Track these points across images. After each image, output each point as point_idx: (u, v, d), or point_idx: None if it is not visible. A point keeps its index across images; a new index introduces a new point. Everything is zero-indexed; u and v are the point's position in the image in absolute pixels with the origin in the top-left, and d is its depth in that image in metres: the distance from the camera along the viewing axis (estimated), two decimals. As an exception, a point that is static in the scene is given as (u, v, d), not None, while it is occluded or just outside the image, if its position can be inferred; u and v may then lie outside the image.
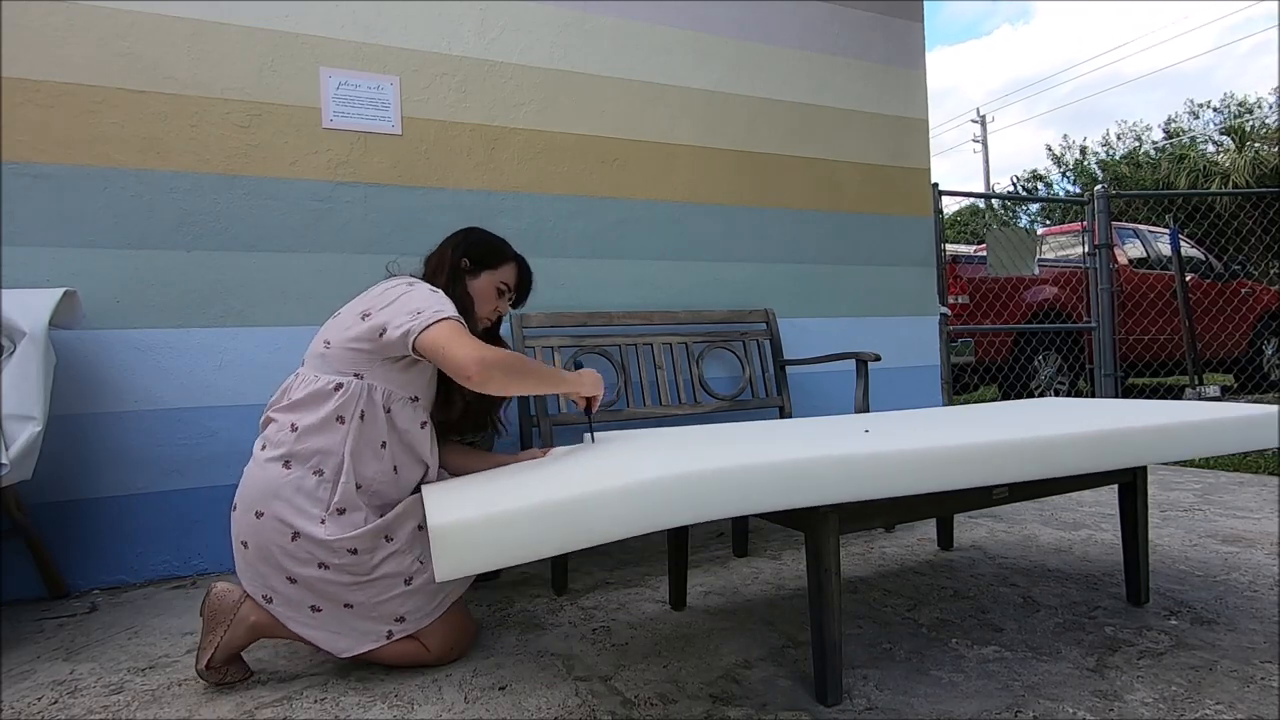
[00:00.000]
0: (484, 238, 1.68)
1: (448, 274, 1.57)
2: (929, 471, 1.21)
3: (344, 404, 1.37)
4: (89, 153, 2.10)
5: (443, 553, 0.88)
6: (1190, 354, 5.36)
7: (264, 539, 1.34)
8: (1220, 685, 1.27)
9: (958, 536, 2.26)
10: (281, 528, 1.33)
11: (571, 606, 1.79)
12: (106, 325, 2.10)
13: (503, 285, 1.66)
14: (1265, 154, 14.01)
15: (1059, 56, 65.26)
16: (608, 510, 0.98)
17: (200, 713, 1.31)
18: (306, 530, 1.32)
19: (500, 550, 0.92)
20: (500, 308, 1.68)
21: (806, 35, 3.16)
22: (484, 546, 0.91)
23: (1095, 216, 4.62)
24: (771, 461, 1.12)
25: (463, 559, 0.89)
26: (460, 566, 0.90)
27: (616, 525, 0.99)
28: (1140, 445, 1.41)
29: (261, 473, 1.36)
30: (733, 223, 2.98)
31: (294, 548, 1.33)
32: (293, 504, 1.33)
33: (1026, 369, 5.22)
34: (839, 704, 1.25)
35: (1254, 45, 39.02)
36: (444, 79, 2.51)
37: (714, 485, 1.07)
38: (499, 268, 1.66)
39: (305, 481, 1.35)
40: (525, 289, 1.73)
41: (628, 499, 1.00)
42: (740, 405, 2.72)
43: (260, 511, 1.34)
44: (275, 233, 2.28)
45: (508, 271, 1.67)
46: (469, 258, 1.62)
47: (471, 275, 1.62)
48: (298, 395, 1.40)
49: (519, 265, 1.70)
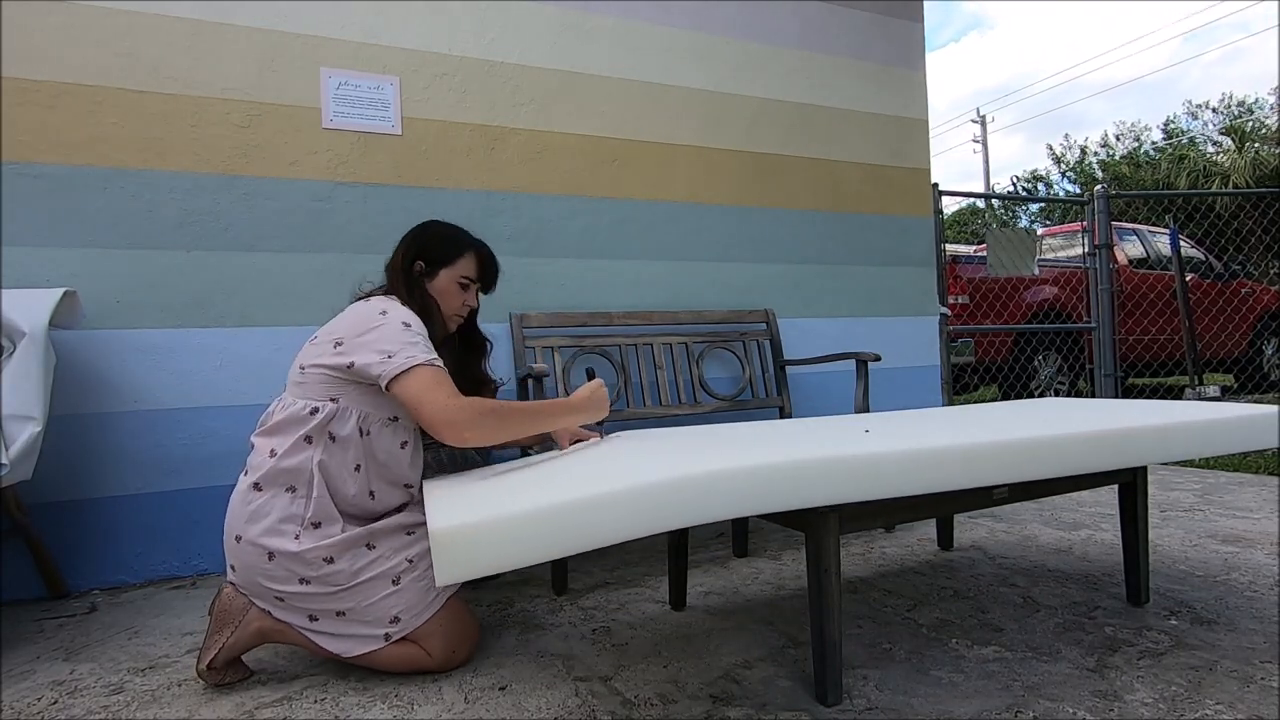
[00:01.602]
0: (436, 232, 1.61)
1: (404, 282, 1.52)
2: (929, 472, 1.21)
3: (316, 425, 1.37)
4: (89, 153, 2.10)
5: (443, 557, 0.88)
6: (1190, 354, 5.36)
7: (246, 563, 1.34)
8: (1220, 685, 1.27)
9: (958, 536, 2.26)
10: (257, 551, 1.32)
11: (571, 606, 1.79)
12: (106, 325, 2.10)
13: (464, 279, 1.59)
14: (1265, 154, 14.01)
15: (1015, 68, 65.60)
16: (609, 514, 0.98)
17: (200, 713, 1.31)
18: (280, 548, 1.32)
19: (501, 555, 0.91)
20: (468, 300, 1.62)
21: (807, 35, 3.16)
22: (485, 551, 0.90)
23: (1095, 216, 4.62)
24: (772, 463, 1.11)
25: (464, 564, 0.89)
26: (461, 571, 0.89)
27: (619, 529, 0.98)
28: (1140, 445, 1.40)
29: (239, 499, 1.37)
30: (733, 223, 2.98)
31: (272, 568, 1.32)
32: (266, 526, 1.33)
33: (1026, 369, 5.22)
34: (839, 704, 1.25)
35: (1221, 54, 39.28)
36: (444, 79, 2.51)
37: (715, 487, 1.07)
38: (455, 262, 1.58)
39: (278, 500, 1.34)
40: (490, 276, 1.65)
41: (629, 502, 1.00)
42: (740, 405, 2.72)
43: (239, 535, 1.34)
44: (275, 233, 2.28)
45: (466, 264, 1.59)
46: (423, 259, 1.56)
47: (429, 277, 1.56)
48: (275, 419, 1.40)
49: (477, 253, 1.62)
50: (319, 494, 1.35)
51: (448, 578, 0.88)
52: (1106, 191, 4.64)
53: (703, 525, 2.48)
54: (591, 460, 1.35)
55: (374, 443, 1.42)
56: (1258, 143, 14.59)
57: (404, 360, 1.33)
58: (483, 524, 0.90)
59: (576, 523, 0.96)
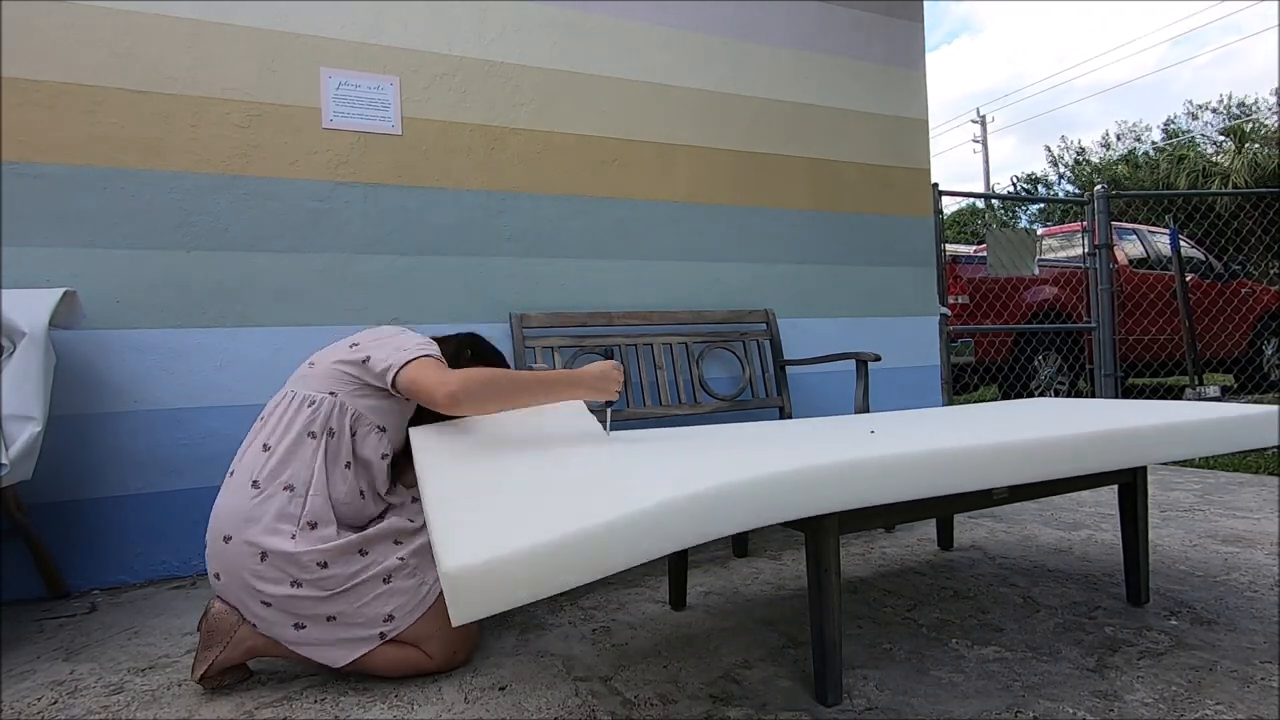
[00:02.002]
0: (488, 347, 1.71)
1: (450, 353, 1.59)
2: (931, 475, 1.21)
3: (314, 419, 1.39)
4: (89, 153, 2.10)
5: (457, 598, 0.82)
6: (1190, 354, 5.36)
7: (233, 564, 1.32)
8: (1220, 685, 1.27)
9: (958, 536, 2.26)
10: (249, 550, 1.31)
11: (571, 606, 1.79)
12: (106, 325, 2.10)
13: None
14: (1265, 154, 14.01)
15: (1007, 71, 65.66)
16: (624, 538, 0.93)
17: (200, 713, 1.31)
18: (276, 547, 1.30)
19: (516, 591, 0.86)
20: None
21: (806, 36, 3.16)
22: (500, 589, 0.85)
23: (1095, 217, 4.62)
24: (784, 471, 1.08)
25: (479, 604, 0.84)
26: (477, 610, 0.83)
27: (635, 553, 0.94)
28: (1140, 445, 1.40)
29: (231, 498, 1.35)
30: (733, 223, 2.98)
31: (263, 568, 1.31)
32: (261, 524, 1.32)
33: (1026, 369, 5.22)
34: (839, 704, 1.25)
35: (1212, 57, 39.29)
36: (444, 79, 2.51)
37: (725, 503, 1.04)
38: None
39: (274, 500, 1.34)
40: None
41: (645, 524, 0.95)
42: (740, 405, 2.72)
43: (228, 536, 1.32)
44: (275, 233, 2.28)
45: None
46: (471, 350, 1.66)
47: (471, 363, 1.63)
48: (272, 415, 1.42)
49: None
50: (315, 493, 1.36)
51: (462, 617, 0.83)
52: (1106, 192, 4.64)
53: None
54: (603, 468, 1.32)
55: (359, 443, 1.43)
56: (1257, 143, 14.59)
57: (416, 350, 1.39)
58: (491, 564, 0.84)
59: (593, 553, 0.91)
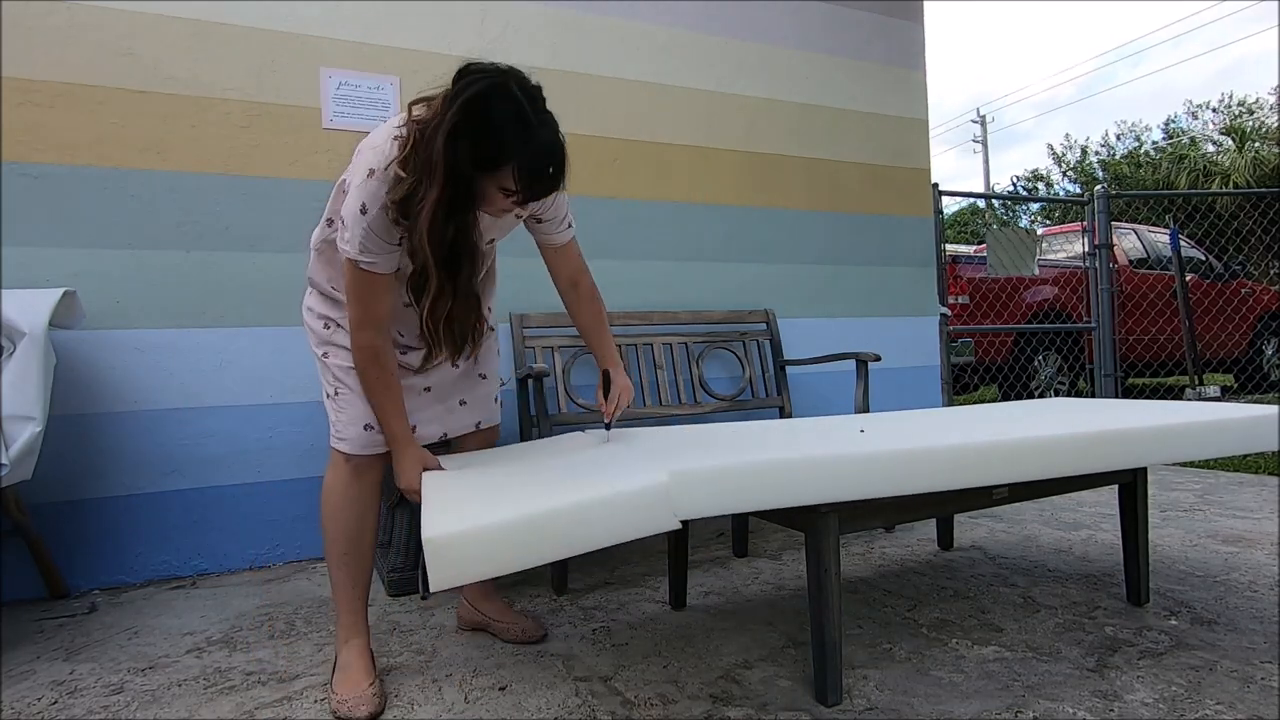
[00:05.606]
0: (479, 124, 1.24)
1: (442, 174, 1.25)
2: (929, 472, 1.21)
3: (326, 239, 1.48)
4: (89, 153, 2.10)
5: (436, 562, 0.91)
6: (1190, 354, 5.36)
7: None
8: (1220, 685, 1.27)
9: (958, 536, 2.26)
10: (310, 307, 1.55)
11: (571, 606, 1.79)
12: (106, 325, 2.10)
13: (504, 189, 1.28)
14: (1265, 154, 14.00)
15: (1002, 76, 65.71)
16: (605, 515, 1.01)
17: (200, 713, 1.31)
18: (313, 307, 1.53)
19: (492, 561, 0.96)
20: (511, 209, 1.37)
21: (806, 35, 3.16)
22: (476, 557, 0.95)
23: (1095, 216, 4.62)
24: (771, 460, 1.12)
25: (456, 569, 0.93)
26: (454, 576, 0.93)
27: (617, 530, 1.02)
28: (1140, 446, 1.41)
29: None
30: (733, 223, 2.98)
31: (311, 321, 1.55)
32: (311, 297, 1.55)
33: (1026, 369, 5.22)
34: (839, 704, 1.25)
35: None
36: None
37: (712, 485, 1.09)
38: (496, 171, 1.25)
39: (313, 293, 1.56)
40: (530, 188, 1.30)
41: (624, 503, 1.02)
42: (740, 405, 2.72)
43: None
44: (275, 233, 2.28)
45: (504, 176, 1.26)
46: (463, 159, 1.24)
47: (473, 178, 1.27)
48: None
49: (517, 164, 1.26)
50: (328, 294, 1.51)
51: (441, 582, 0.91)
52: (1107, 191, 4.64)
53: (702, 525, 2.49)
54: (597, 458, 1.35)
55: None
56: (1258, 142, 14.59)
57: (343, 247, 1.31)
58: (471, 532, 0.94)
59: (571, 527, 1.00)
